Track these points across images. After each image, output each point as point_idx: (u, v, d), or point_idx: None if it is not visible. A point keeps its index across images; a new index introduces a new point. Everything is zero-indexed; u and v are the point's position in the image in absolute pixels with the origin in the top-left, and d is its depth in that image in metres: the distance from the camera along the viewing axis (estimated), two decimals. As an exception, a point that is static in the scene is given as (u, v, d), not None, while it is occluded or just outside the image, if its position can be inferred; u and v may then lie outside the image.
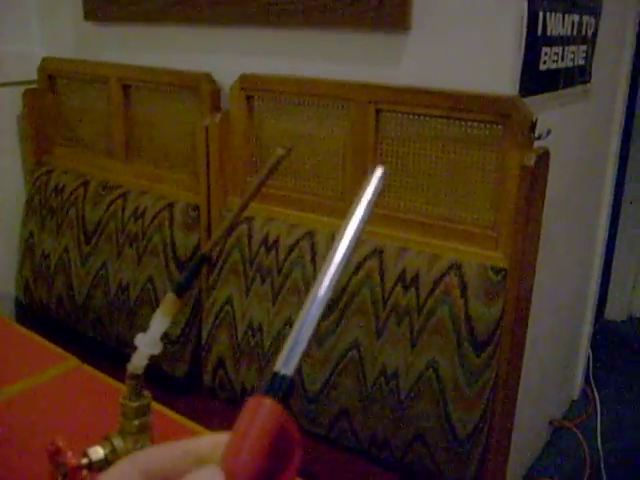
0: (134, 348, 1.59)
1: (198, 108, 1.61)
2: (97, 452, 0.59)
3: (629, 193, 2.67)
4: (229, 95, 1.54)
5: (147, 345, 0.54)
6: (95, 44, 1.91)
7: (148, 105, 1.75)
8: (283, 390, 0.29)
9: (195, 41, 1.67)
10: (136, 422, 0.60)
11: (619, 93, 2.04)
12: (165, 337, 0.57)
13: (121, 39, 1.84)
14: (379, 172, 0.37)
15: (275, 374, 0.30)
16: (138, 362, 0.56)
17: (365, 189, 0.36)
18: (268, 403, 0.29)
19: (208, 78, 1.58)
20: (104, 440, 0.61)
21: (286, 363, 0.30)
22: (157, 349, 0.55)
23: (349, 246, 0.34)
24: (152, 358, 0.59)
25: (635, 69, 2.09)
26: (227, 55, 1.61)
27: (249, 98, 1.52)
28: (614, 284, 2.80)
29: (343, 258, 0.34)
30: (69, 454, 0.58)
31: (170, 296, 0.53)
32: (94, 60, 1.87)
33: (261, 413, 0.29)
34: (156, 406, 0.72)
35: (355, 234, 0.35)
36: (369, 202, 0.36)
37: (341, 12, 1.38)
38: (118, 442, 0.60)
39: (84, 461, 0.59)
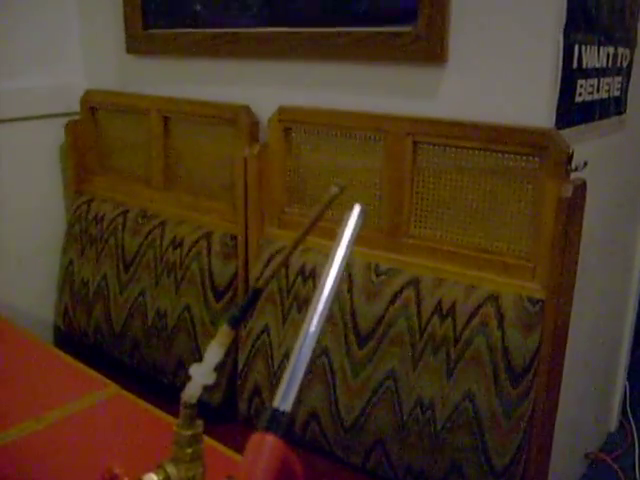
0: (170, 376, 1.59)
1: (237, 139, 1.64)
2: (151, 479, 0.61)
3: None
4: (267, 127, 1.57)
5: (202, 375, 0.56)
6: (136, 77, 1.96)
7: (187, 136, 1.79)
8: (283, 425, 0.31)
9: (234, 74, 1.71)
10: (189, 450, 0.62)
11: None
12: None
13: (162, 72, 1.89)
14: (357, 209, 0.39)
15: (275, 410, 0.31)
16: (192, 391, 0.57)
17: (345, 227, 0.39)
18: (270, 440, 0.30)
19: (247, 110, 1.62)
20: (157, 468, 0.62)
21: (284, 399, 0.32)
22: (211, 379, 0.56)
23: (334, 284, 0.36)
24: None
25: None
26: (265, 87, 1.64)
27: (287, 130, 1.55)
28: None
29: (329, 295, 0.35)
30: (126, 481, 0.60)
31: (225, 328, 0.55)
32: (135, 92, 1.92)
33: (264, 450, 0.30)
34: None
35: (339, 271, 0.37)
36: (350, 239, 0.39)
37: (379, 45, 1.41)
38: (171, 469, 0.61)
39: (139, 488, 0.61)
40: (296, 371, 0.33)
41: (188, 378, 0.59)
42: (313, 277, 1.45)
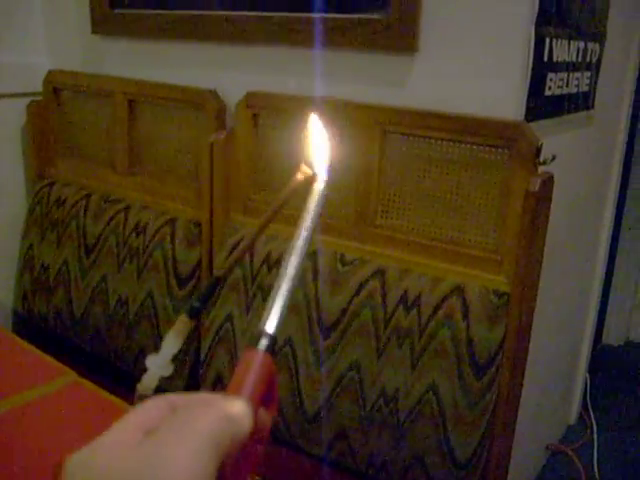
0: (131, 363, 1.56)
1: (203, 125, 1.61)
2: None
3: (628, 219, 2.68)
4: (235, 112, 1.55)
5: (158, 366, 0.53)
6: (101, 58, 1.91)
7: (152, 120, 1.75)
8: (271, 345, 0.37)
9: (202, 58, 1.68)
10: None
11: (621, 119, 2.05)
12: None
13: (127, 53, 1.85)
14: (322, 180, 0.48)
15: (263, 332, 0.37)
16: (148, 383, 0.55)
17: (311, 197, 0.46)
18: (262, 355, 0.37)
19: (214, 95, 1.59)
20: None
21: (271, 323, 0.38)
22: (168, 371, 0.54)
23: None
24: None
25: (637, 96, 2.10)
26: (233, 72, 1.61)
27: (255, 116, 1.52)
28: (612, 309, 2.80)
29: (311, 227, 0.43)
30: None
31: (182, 318, 0.53)
32: (100, 74, 1.88)
33: (257, 362, 0.36)
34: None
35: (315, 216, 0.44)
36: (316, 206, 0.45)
37: (349, 33, 1.39)
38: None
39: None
40: (281, 300, 0.39)
41: (145, 370, 0.57)
42: (278, 266, 1.43)
